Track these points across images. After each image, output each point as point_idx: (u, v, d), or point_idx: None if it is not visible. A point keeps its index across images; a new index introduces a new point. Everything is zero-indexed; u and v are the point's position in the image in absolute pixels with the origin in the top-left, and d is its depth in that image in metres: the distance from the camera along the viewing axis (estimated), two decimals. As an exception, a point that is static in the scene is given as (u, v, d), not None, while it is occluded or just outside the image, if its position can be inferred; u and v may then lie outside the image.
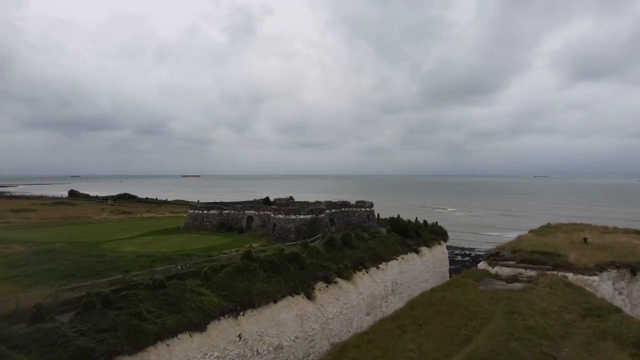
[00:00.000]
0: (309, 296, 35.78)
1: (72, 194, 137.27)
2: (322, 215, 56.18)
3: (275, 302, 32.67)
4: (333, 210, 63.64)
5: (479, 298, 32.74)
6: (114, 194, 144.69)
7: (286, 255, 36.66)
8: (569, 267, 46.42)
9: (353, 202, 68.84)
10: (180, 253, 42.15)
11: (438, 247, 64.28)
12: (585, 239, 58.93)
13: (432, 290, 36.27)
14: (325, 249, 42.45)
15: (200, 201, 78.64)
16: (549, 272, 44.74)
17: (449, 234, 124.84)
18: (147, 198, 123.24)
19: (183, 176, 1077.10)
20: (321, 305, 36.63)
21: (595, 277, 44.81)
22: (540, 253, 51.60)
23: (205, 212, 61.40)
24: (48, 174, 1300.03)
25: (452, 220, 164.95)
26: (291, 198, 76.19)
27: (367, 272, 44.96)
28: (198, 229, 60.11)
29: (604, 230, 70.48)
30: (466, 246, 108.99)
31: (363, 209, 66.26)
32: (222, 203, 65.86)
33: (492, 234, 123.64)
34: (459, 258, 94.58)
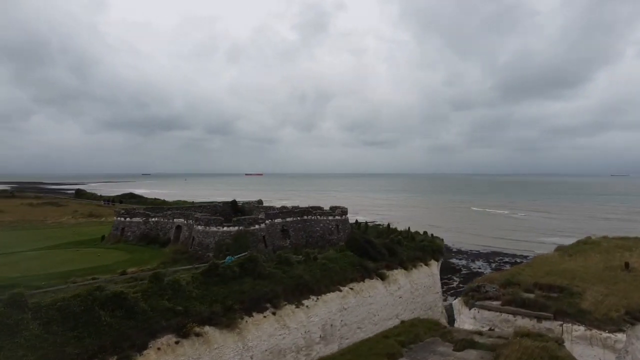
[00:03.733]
0: (128, 363, 23.20)
1: (78, 194, 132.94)
2: (256, 227, 43.25)
3: (37, 380, 20.41)
4: (289, 219, 50.54)
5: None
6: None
7: (100, 297, 24.25)
8: (580, 315, 30.62)
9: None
10: (16, 279, 31.20)
11: (423, 269, 49.33)
12: (626, 264, 42.09)
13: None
14: (201, 282, 29.61)
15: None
16: (542, 324, 29.63)
17: (502, 242, 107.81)
18: (154, 199, 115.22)
19: (245, 175, 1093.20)
20: (152, 375, 23.96)
21: (619, 335, 29.08)
22: (546, 288, 35.72)
23: (128, 219, 50.35)
24: (123, 172, 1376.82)
25: (512, 223, 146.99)
26: (260, 202, 63.67)
27: (274, 313, 31.62)
28: (118, 240, 49.31)
29: (663, 248, 52.17)
30: (519, 253, 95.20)
31: (331, 218, 52.47)
32: (151, 208, 54.67)
33: (548, 239, 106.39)
34: (507, 267, 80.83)
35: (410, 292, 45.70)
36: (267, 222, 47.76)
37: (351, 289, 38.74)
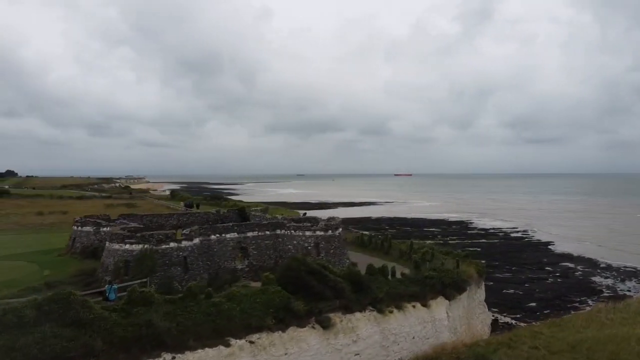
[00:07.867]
0: None
1: (173, 195, 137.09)
2: (170, 245, 33.54)
3: None
4: (249, 234, 39.86)
5: None
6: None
7: None
8: None
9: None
10: None
11: (416, 311, 34.29)
12: None
13: None
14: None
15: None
16: None
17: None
18: (238, 201, 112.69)
19: (395, 175, 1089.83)
20: None
21: None
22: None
23: (79, 228, 44.74)
24: (280, 173, 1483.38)
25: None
26: (265, 209, 53.70)
27: (74, 382, 21.71)
28: (67, 252, 44.13)
29: None
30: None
31: (308, 233, 40.23)
32: (126, 216, 48.41)
33: None
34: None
35: (381, 346, 31.57)
36: (213, 237, 37.91)
37: (251, 342, 26.79)
